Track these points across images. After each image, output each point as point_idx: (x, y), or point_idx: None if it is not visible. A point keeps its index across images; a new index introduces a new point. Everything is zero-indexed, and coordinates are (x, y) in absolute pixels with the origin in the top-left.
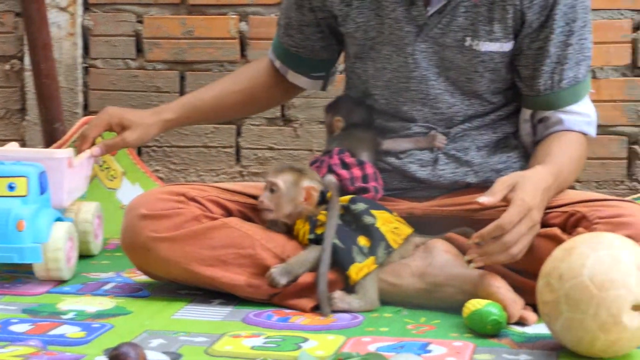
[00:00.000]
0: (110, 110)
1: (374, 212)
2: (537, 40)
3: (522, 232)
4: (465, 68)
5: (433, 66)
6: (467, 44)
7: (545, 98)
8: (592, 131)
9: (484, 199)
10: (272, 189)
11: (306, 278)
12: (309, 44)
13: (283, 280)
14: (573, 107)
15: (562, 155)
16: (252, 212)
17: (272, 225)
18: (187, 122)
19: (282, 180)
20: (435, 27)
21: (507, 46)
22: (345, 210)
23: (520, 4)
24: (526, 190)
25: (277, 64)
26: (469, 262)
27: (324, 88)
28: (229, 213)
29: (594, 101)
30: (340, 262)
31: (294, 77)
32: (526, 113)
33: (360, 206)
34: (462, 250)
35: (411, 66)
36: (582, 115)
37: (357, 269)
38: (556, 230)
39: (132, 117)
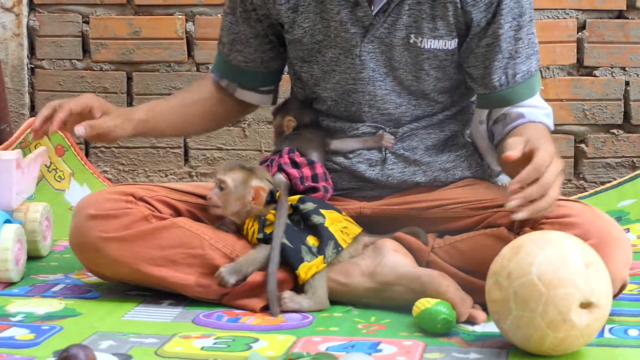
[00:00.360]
0: (91, 95)
1: (322, 211)
2: (485, 38)
3: (556, 172)
4: (412, 66)
5: (381, 66)
6: (411, 41)
7: (502, 94)
8: (552, 124)
9: (510, 153)
10: (221, 186)
11: (256, 278)
12: (258, 56)
13: (232, 280)
14: (530, 101)
15: (539, 136)
16: (202, 212)
17: (221, 225)
18: (155, 128)
19: (231, 179)
20: (381, 26)
21: (450, 44)
22: (294, 209)
23: (461, 3)
24: (540, 141)
25: (224, 82)
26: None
27: (274, 102)
28: (178, 213)
29: None
30: (289, 261)
31: (243, 94)
32: (482, 114)
33: (309, 205)
34: (411, 250)
35: (358, 67)
36: (540, 108)
37: (306, 269)
38: (503, 230)
39: (113, 107)
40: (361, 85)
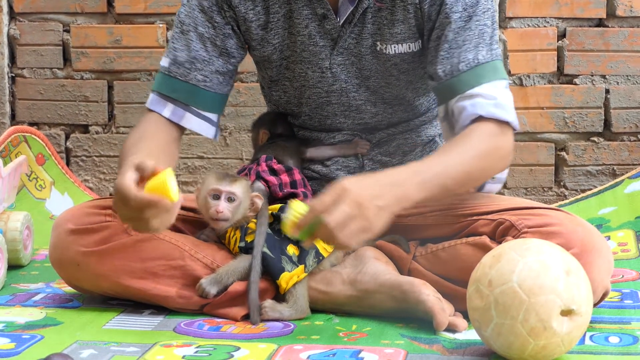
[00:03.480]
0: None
1: None
2: (434, 30)
3: (340, 217)
4: (382, 73)
5: (352, 77)
6: (378, 48)
7: (447, 84)
8: (507, 116)
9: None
10: (230, 197)
11: (237, 287)
12: (217, 76)
13: (213, 290)
14: (475, 90)
15: (443, 154)
16: (182, 223)
17: (201, 235)
18: None
19: (240, 190)
20: (348, 37)
21: (415, 46)
22: (275, 218)
23: (419, 1)
24: (353, 181)
25: (168, 111)
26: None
27: (216, 136)
28: None
29: (521, 108)
30: (270, 271)
31: (191, 121)
32: (440, 111)
33: None
34: (392, 258)
35: (330, 80)
36: (486, 97)
37: (287, 278)
38: (485, 239)
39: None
40: (335, 97)
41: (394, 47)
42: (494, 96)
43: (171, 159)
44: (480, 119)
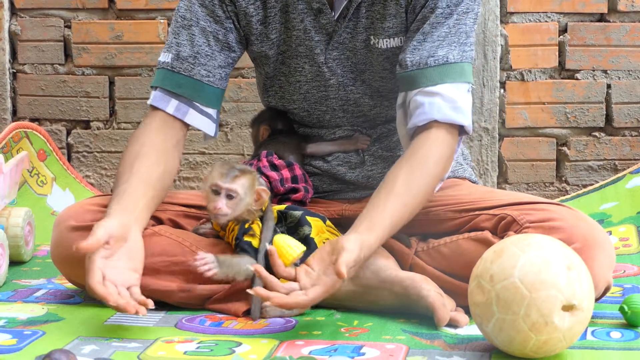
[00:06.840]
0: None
1: (309, 218)
2: (416, 22)
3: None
4: (376, 66)
5: (348, 72)
6: (371, 42)
7: (412, 74)
8: (463, 120)
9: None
10: (230, 195)
11: (239, 282)
12: (219, 71)
13: (217, 270)
14: (437, 88)
15: (400, 197)
16: (183, 219)
17: (199, 229)
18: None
19: (241, 186)
20: (343, 32)
21: None
22: (279, 219)
23: None
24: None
25: (172, 107)
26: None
27: (216, 134)
28: (158, 222)
29: (522, 103)
30: (270, 270)
31: (194, 118)
32: (399, 98)
33: (298, 213)
34: (394, 253)
35: (327, 75)
36: (445, 98)
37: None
38: (487, 234)
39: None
40: (332, 92)
41: (386, 41)
42: (453, 99)
43: (168, 175)
44: (435, 122)
